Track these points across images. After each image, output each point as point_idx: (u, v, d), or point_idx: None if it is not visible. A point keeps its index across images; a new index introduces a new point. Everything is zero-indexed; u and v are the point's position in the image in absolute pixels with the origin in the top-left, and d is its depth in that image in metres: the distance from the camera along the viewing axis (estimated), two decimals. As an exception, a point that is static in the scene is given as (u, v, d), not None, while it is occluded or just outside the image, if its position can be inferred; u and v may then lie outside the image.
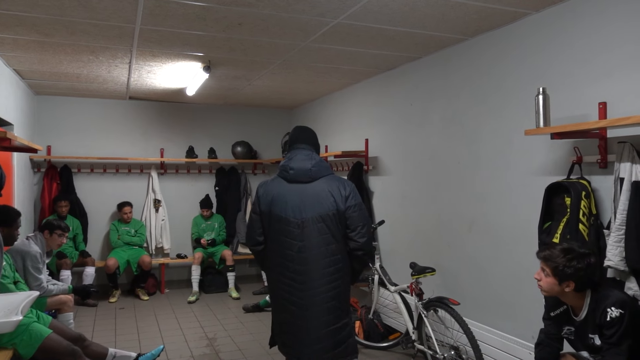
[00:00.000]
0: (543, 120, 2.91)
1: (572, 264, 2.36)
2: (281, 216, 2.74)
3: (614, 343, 2.30)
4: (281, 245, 2.75)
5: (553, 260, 2.42)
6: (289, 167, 2.79)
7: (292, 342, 2.78)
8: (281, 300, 2.80)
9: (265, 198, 2.80)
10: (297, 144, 2.88)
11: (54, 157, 6.53)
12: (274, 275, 2.83)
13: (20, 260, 3.86)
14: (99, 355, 3.66)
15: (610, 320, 2.31)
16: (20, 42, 4.06)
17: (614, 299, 2.35)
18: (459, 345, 3.59)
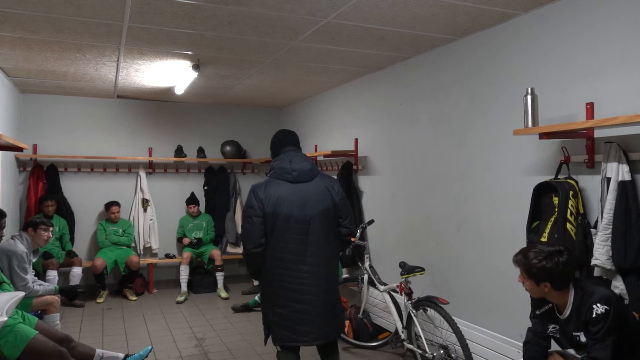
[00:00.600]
0: (531, 120, 2.93)
1: (542, 264, 2.40)
2: (289, 215, 2.93)
3: (599, 339, 2.32)
4: (289, 243, 2.94)
5: (523, 263, 2.47)
6: (290, 169, 2.99)
7: (309, 330, 2.96)
8: (293, 294, 2.95)
9: (269, 200, 2.93)
10: (288, 146, 3.10)
11: (40, 156, 6.45)
12: (280, 271, 2.96)
13: (6, 260, 3.80)
14: (86, 356, 3.62)
15: (595, 316, 2.33)
16: (6, 39, 4.00)
17: (599, 295, 2.37)
18: (448, 344, 3.60)
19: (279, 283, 2.96)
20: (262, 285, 3.10)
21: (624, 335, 2.36)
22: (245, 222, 2.98)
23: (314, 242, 2.97)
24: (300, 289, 2.95)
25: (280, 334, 2.99)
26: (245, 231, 2.97)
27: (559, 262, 2.39)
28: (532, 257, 2.44)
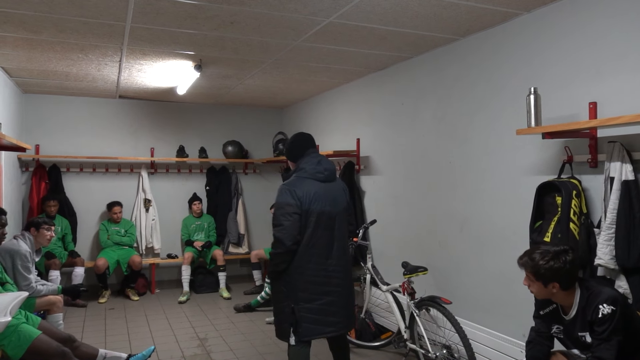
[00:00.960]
0: (534, 120, 2.93)
1: (550, 264, 2.38)
2: (322, 212, 3.12)
3: (604, 339, 2.31)
4: (320, 239, 3.12)
5: (531, 265, 2.45)
6: (323, 168, 3.21)
7: (336, 320, 3.15)
8: (322, 288, 3.11)
9: (305, 197, 3.09)
10: (311, 148, 3.32)
11: (43, 157, 6.46)
12: (311, 265, 3.09)
13: (10, 259, 3.81)
14: (89, 356, 3.62)
15: (602, 316, 2.32)
16: (8, 39, 4.01)
17: (606, 295, 2.36)
18: (451, 344, 3.60)
19: (308, 278, 3.08)
20: (285, 282, 3.11)
21: (628, 335, 2.35)
22: (284, 219, 3.03)
23: (338, 237, 3.20)
24: (328, 282, 3.13)
25: (307, 328, 3.07)
26: (284, 228, 3.03)
27: (566, 261, 2.38)
28: (538, 259, 2.42)
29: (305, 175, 3.17)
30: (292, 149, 3.34)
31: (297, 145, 3.31)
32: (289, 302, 3.09)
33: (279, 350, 4.49)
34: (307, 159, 3.23)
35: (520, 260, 2.52)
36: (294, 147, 3.33)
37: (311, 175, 3.17)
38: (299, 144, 3.31)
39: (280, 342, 4.64)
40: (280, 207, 3.07)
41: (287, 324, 3.09)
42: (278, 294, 3.18)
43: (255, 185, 7.74)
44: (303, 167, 3.21)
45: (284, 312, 3.11)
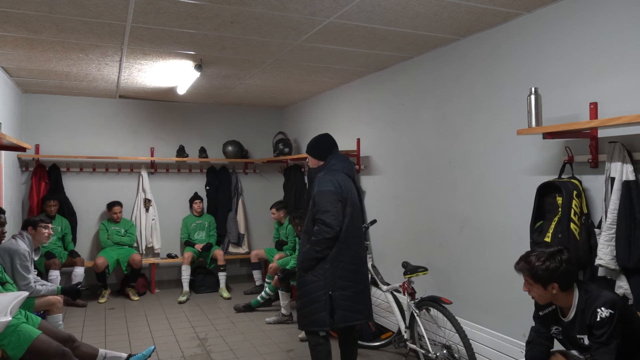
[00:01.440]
0: (535, 120, 2.93)
1: (546, 265, 2.40)
2: (354, 203, 3.39)
3: (602, 342, 2.32)
4: (352, 228, 3.33)
5: (528, 268, 2.45)
6: (350, 165, 3.57)
7: (364, 308, 3.37)
8: (355, 276, 3.32)
9: (344, 188, 3.35)
10: (336, 148, 3.60)
11: (43, 156, 6.45)
12: (347, 253, 3.28)
13: (8, 259, 3.80)
14: (89, 356, 3.62)
15: (600, 320, 2.32)
16: (9, 39, 4.01)
17: (604, 299, 2.36)
18: (451, 344, 3.60)
19: (345, 265, 3.27)
20: (323, 270, 3.24)
21: (628, 337, 2.36)
22: (331, 205, 3.21)
23: (360, 228, 3.52)
24: (359, 270, 3.35)
25: (342, 315, 3.23)
26: (333, 214, 3.19)
27: (562, 260, 2.40)
28: (534, 261, 2.43)
29: (337, 168, 3.45)
30: (323, 148, 3.57)
31: (327, 146, 3.56)
32: (326, 289, 3.21)
33: (279, 350, 4.49)
34: (337, 157, 3.52)
35: (517, 266, 2.53)
36: (325, 146, 3.57)
37: (342, 169, 3.47)
38: (329, 144, 3.57)
39: (280, 341, 4.67)
40: (325, 194, 3.25)
41: (324, 312, 3.20)
42: (311, 284, 3.27)
43: (255, 185, 7.74)
44: (334, 162, 3.48)
45: (321, 300, 3.21)
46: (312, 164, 3.60)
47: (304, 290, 3.30)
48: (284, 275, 5.23)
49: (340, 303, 3.22)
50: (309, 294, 3.26)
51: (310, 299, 3.25)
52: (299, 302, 3.36)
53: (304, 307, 3.29)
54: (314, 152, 3.59)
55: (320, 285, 3.22)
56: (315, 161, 3.58)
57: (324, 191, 3.27)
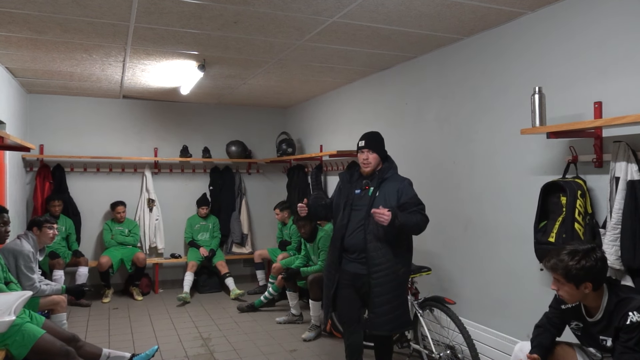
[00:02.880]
0: (539, 119, 2.92)
1: (582, 264, 2.28)
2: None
3: (630, 347, 2.25)
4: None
5: (562, 267, 2.32)
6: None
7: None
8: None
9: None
10: None
11: (47, 156, 6.47)
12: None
13: (13, 259, 3.81)
14: (93, 355, 3.62)
15: (630, 324, 2.25)
16: (13, 39, 4.02)
17: (637, 303, 2.28)
18: (455, 345, 3.59)
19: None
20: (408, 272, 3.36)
21: None
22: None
23: None
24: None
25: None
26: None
27: (597, 258, 2.30)
28: (568, 259, 2.31)
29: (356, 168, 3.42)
30: (384, 146, 3.43)
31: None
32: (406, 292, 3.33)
33: (283, 350, 4.48)
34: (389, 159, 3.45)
35: (547, 263, 2.39)
36: (384, 144, 3.43)
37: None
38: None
39: (284, 341, 4.67)
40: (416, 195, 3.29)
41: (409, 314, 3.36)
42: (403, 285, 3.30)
43: (258, 185, 7.74)
44: (394, 165, 3.44)
45: (408, 302, 3.33)
46: (375, 162, 3.35)
47: (397, 293, 3.21)
48: (288, 275, 5.22)
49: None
50: (401, 296, 3.26)
51: (402, 301, 3.27)
52: (387, 306, 3.19)
53: (394, 309, 3.20)
54: (382, 151, 3.39)
55: (405, 288, 3.32)
56: (378, 159, 3.36)
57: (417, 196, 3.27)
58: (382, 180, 3.29)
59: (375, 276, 3.18)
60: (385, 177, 3.30)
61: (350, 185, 3.43)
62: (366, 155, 3.34)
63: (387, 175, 3.30)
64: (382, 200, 3.21)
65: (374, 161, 3.34)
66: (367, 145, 3.35)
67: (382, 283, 3.18)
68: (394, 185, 3.26)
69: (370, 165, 3.34)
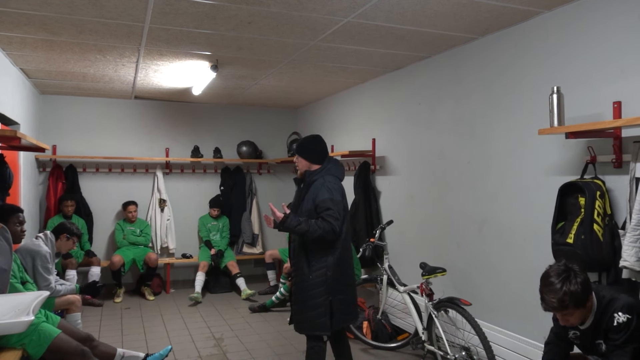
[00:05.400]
0: (557, 119, 2.89)
1: (578, 281, 2.26)
2: (347, 208, 3.37)
3: (618, 345, 2.28)
4: (347, 234, 3.35)
5: (569, 297, 2.25)
6: (342, 170, 3.46)
7: (353, 310, 3.41)
8: (349, 279, 3.36)
9: (341, 192, 3.34)
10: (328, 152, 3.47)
11: (60, 157, 6.51)
12: (346, 259, 3.31)
13: (30, 259, 3.83)
14: (108, 355, 3.64)
15: (617, 325, 2.27)
16: (28, 40, 4.04)
17: (622, 303, 2.30)
18: (470, 346, 3.57)
19: (343, 270, 3.28)
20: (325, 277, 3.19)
21: None
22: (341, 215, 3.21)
23: (349, 234, 3.52)
24: (350, 274, 3.39)
25: (339, 318, 3.24)
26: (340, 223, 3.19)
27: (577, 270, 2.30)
28: (568, 287, 2.24)
29: (334, 173, 3.36)
30: (320, 151, 3.40)
31: (323, 149, 3.41)
32: (327, 295, 3.19)
33: (295, 350, 4.48)
34: (332, 161, 3.41)
35: (553, 304, 2.28)
36: (322, 149, 3.40)
37: (338, 175, 3.38)
38: (324, 148, 3.42)
39: (296, 342, 4.66)
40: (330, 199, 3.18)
41: (325, 317, 3.19)
42: (312, 290, 3.22)
43: (269, 185, 7.75)
44: (330, 167, 3.36)
45: (322, 306, 3.18)
46: (302, 166, 3.39)
47: (305, 296, 3.22)
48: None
49: (338, 307, 3.22)
50: (310, 300, 3.20)
51: (311, 304, 3.20)
52: (296, 306, 3.29)
53: (304, 312, 3.23)
54: (310, 155, 3.38)
55: (322, 292, 3.18)
56: (306, 164, 3.38)
57: (335, 200, 3.19)
58: (309, 183, 3.33)
59: (294, 280, 3.34)
60: (312, 180, 3.31)
61: (297, 190, 3.49)
62: (295, 159, 3.47)
63: (314, 178, 3.30)
64: (307, 202, 3.28)
65: (301, 165, 3.40)
66: (296, 150, 3.47)
67: (296, 283, 3.31)
68: (314, 188, 3.26)
69: (299, 169, 3.44)
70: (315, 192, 3.24)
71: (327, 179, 3.29)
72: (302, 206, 3.29)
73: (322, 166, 3.35)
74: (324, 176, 3.31)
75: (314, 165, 3.36)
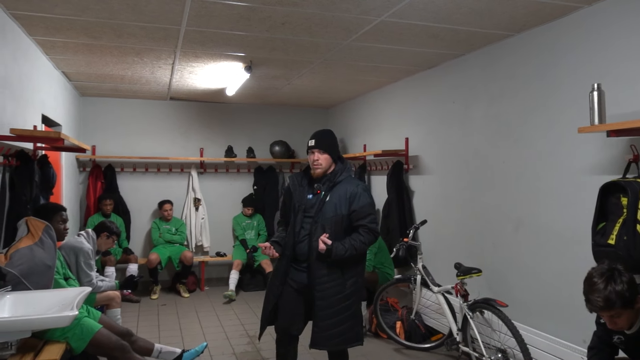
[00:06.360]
0: (598, 117, 2.81)
1: (624, 280, 2.18)
2: None
3: None
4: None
5: (615, 296, 2.17)
6: None
7: None
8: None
9: None
10: None
11: (99, 157, 6.71)
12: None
13: (73, 256, 3.97)
14: (146, 350, 3.74)
15: None
16: (70, 45, 4.18)
17: None
18: (507, 348, 3.51)
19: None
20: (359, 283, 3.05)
21: None
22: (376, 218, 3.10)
23: None
24: None
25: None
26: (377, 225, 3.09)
27: (621, 269, 2.23)
28: (613, 287, 2.17)
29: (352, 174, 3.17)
30: (338, 147, 3.16)
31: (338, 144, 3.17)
32: (359, 303, 3.08)
33: (328, 349, 4.48)
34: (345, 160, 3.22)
35: (599, 303, 2.20)
36: (338, 145, 3.15)
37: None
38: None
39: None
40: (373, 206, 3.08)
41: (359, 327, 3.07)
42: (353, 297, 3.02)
43: (301, 184, 7.77)
44: (349, 167, 3.17)
45: (357, 315, 3.04)
46: (326, 164, 3.07)
47: (339, 308, 2.95)
48: None
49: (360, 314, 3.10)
50: (346, 311, 2.97)
51: (347, 315, 2.97)
52: (329, 321, 2.94)
53: (338, 325, 2.95)
54: (334, 151, 3.09)
55: (355, 300, 3.01)
56: (330, 161, 3.07)
57: (373, 203, 3.04)
58: (333, 184, 3.01)
59: (319, 288, 2.94)
60: (337, 181, 3.02)
61: (302, 189, 3.13)
62: (317, 156, 3.06)
63: (340, 179, 3.02)
64: (332, 207, 2.96)
65: (325, 162, 3.05)
66: (317, 145, 3.05)
67: (326, 296, 2.93)
68: (345, 190, 2.98)
69: (321, 167, 3.05)
70: (349, 196, 2.96)
71: (356, 181, 3.08)
72: (325, 212, 2.96)
73: (344, 164, 3.10)
74: (351, 176, 3.09)
75: (333, 164, 3.09)
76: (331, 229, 2.94)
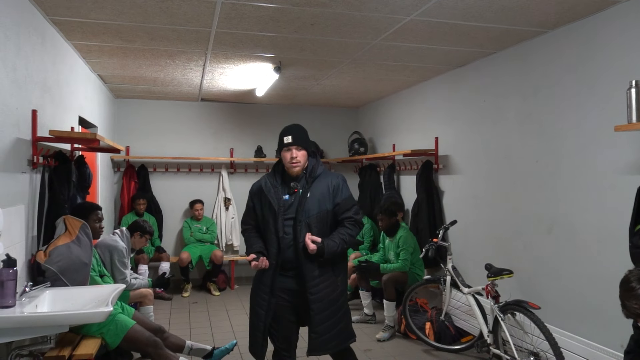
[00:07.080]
0: (636, 115, 2.73)
1: None
2: None
3: None
4: None
5: None
6: None
7: None
8: None
9: None
10: None
11: (132, 157, 6.87)
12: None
13: (108, 254, 4.08)
14: (178, 346, 3.81)
15: None
16: (105, 48, 4.30)
17: None
18: (539, 352, 3.44)
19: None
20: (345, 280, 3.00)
21: None
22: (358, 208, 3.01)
23: None
24: None
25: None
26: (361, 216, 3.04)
27: None
28: None
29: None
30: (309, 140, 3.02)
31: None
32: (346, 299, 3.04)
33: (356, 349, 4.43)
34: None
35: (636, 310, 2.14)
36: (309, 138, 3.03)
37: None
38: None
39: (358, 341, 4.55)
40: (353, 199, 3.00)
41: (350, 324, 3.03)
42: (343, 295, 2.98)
43: (330, 184, 7.78)
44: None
45: (348, 311, 2.99)
46: (304, 161, 2.91)
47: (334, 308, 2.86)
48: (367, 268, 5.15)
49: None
50: (340, 310, 2.90)
51: (341, 314, 2.91)
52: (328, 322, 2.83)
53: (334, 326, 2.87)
54: (309, 147, 2.96)
55: (345, 298, 2.98)
56: (306, 157, 2.92)
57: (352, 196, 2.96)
58: (313, 179, 2.87)
59: (313, 291, 2.79)
60: (316, 175, 2.88)
61: (276, 191, 2.91)
62: (294, 153, 2.87)
63: (318, 173, 2.89)
64: (316, 203, 2.82)
65: (303, 159, 2.89)
66: (294, 142, 2.87)
67: (320, 298, 2.80)
68: (327, 183, 2.86)
69: (300, 165, 2.88)
70: (332, 190, 2.85)
71: (333, 172, 3.00)
72: (308, 210, 2.81)
73: (317, 159, 2.99)
74: (326, 169, 2.99)
75: (306, 160, 2.94)
76: (317, 226, 2.81)
